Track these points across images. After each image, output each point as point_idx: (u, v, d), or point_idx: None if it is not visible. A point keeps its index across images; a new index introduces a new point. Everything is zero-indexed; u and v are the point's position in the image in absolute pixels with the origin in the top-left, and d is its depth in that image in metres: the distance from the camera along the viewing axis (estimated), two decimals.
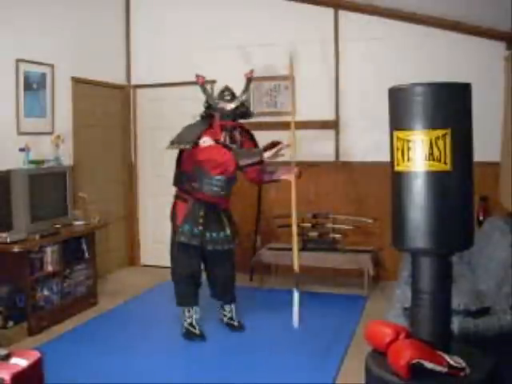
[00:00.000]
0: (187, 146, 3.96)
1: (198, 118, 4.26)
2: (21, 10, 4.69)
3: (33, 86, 4.83)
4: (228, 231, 4.20)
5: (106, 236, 5.76)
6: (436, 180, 2.19)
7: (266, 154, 3.90)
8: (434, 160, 2.17)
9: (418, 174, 2.21)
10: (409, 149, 2.22)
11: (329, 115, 5.63)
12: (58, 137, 4.86)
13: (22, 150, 4.45)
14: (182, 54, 6.03)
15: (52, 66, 5.04)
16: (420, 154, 2.19)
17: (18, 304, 4.11)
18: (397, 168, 2.29)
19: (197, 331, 4.12)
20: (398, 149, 2.27)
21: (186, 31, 6.03)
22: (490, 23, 4.87)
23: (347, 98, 5.58)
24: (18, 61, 4.65)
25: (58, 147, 4.82)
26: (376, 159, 5.25)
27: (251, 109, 5.66)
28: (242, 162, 3.86)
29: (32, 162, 4.50)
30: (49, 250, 4.39)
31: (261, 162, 3.95)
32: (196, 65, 5.87)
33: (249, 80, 4.47)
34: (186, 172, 4.13)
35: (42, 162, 4.61)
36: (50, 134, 4.97)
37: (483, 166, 4.39)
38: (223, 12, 5.88)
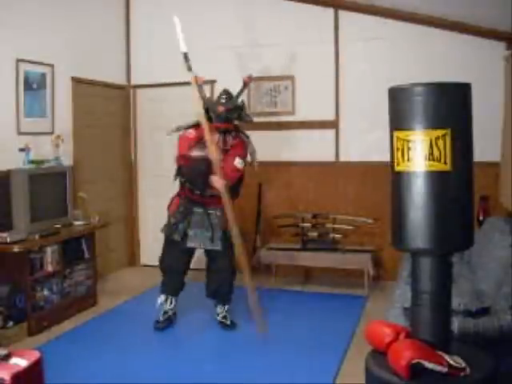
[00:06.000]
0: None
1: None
2: (21, 10, 4.69)
3: (33, 86, 4.83)
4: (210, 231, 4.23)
5: (106, 236, 5.76)
6: (436, 180, 2.19)
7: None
8: (433, 160, 2.17)
9: (417, 174, 2.21)
10: (409, 149, 2.22)
11: (329, 115, 5.64)
12: (58, 137, 4.85)
13: (22, 150, 4.45)
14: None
15: (52, 65, 5.03)
16: (420, 154, 2.19)
17: (17, 304, 4.11)
18: (397, 168, 2.29)
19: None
20: (397, 149, 2.27)
21: (185, 31, 6.01)
22: (490, 23, 4.86)
23: (347, 97, 5.58)
24: (18, 61, 4.64)
25: (57, 147, 4.82)
26: (376, 159, 5.25)
27: (249, 110, 5.68)
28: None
29: (32, 161, 4.50)
30: (49, 250, 4.39)
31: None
32: (196, 65, 5.88)
33: (245, 84, 4.46)
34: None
35: (42, 162, 4.61)
36: (50, 134, 4.96)
37: (483, 166, 4.39)
38: (223, 12, 5.89)
